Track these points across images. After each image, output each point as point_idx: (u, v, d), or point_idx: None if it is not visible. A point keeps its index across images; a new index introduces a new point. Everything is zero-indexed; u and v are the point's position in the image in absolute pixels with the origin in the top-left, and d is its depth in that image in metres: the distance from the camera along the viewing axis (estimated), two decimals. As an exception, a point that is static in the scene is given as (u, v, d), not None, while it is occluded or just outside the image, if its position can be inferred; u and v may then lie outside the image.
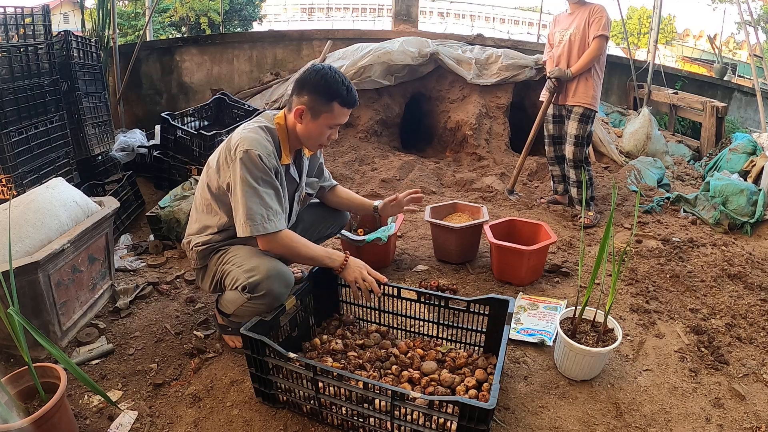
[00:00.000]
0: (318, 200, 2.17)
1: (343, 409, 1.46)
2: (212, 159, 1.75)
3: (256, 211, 1.58)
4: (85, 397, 1.67)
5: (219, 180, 1.69)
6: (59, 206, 1.96)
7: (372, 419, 1.43)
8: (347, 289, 1.97)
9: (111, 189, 3.04)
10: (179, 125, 3.39)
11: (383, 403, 1.38)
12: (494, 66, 4.78)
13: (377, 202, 2.16)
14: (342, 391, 1.43)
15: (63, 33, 3.09)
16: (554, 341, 1.95)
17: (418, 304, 1.85)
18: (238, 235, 1.64)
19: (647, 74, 5.91)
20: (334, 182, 2.18)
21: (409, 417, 1.38)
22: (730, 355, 1.94)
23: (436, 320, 1.85)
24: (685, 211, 3.46)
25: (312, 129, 1.69)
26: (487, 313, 1.74)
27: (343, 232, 2.39)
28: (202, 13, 13.22)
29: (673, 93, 5.65)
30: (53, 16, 2.96)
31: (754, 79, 4.87)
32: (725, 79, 7.04)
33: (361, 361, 1.69)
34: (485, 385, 1.59)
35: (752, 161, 3.88)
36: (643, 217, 3.34)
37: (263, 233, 1.60)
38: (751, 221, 3.18)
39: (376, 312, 1.95)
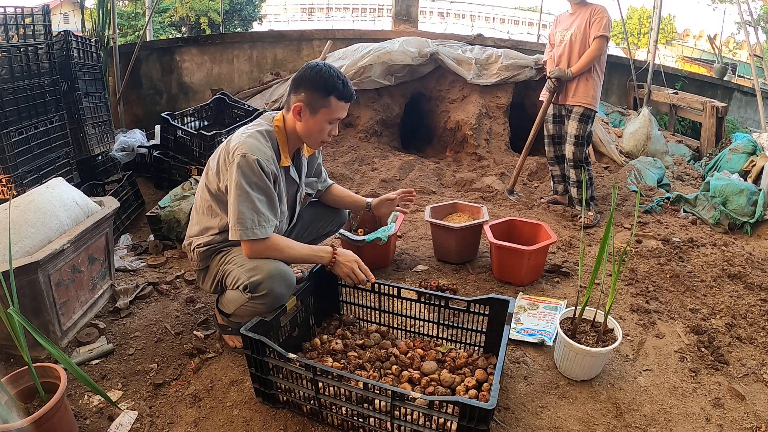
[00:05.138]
0: (316, 199, 2.17)
1: (343, 409, 1.46)
2: (212, 161, 1.75)
3: (247, 216, 1.58)
4: (85, 397, 1.67)
5: (218, 182, 1.69)
6: (59, 206, 1.96)
7: (372, 419, 1.43)
8: (347, 289, 1.97)
9: (111, 189, 3.03)
10: (179, 125, 3.39)
11: (383, 403, 1.37)
12: (494, 66, 4.78)
13: (370, 200, 2.18)
14: (342, 391, 1.43)
15: (63, 33, 3.09)
16: (554, 341, 1.95)
17: (418, 304, 1.85)
18: (229, 238, 1.65)
19: (647, 74, 5.91)
20: (331, 182, 2.18)
21: (409, 417, 1.38)
22: (730, 355, 1.94)
23: (436, 320, 1.85)
24: (685, 211, 3.46)
25: (312, 125, 1.69)
26: (487, 313, 1.74)
27: (343, 231, 2.39)
28: (202, 13, 13.24)
29: (673, 93, 5.65)
30: (53, 16, 2.96)
31: (754, 79, 4.87)
32: (725, 79, 7.04)
33: (361, 361, 1.69)
34: (485, 385, 1.59)
35: (752, 161, 3.88)
36: (643, 217, 3.34)
37: (252, 238, 1.60)
38: (751, 221, 3.18)
39: (376, 312, 1.95)
